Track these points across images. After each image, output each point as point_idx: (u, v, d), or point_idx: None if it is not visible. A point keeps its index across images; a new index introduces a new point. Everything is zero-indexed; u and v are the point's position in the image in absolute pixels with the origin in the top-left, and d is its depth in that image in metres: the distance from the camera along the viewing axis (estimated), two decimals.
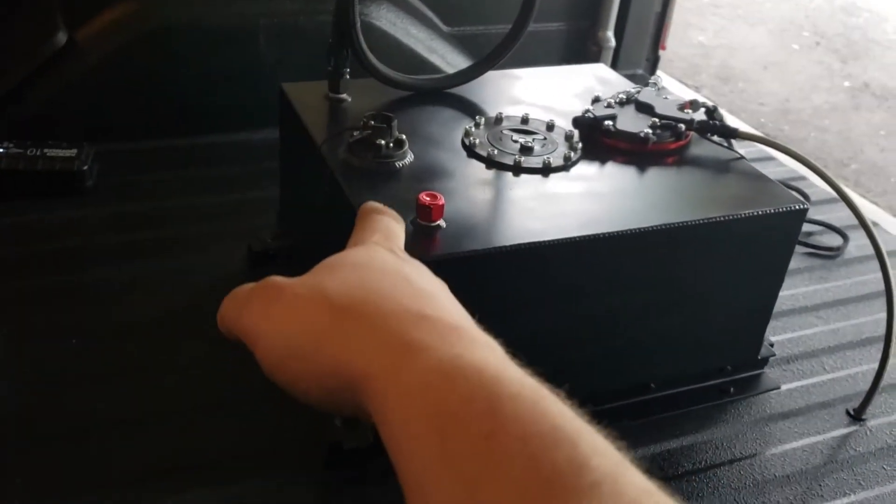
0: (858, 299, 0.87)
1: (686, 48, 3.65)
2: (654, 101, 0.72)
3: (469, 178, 0.63)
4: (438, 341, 0.32)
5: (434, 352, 0.31)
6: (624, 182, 0.66)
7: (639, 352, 0.66)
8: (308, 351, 0.36)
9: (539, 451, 0.26)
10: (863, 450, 0.68)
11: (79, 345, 0.67)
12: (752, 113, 3.12)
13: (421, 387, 0.30)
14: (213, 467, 0.59)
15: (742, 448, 0.67)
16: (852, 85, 3.48)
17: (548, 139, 0.68)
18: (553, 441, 0.27)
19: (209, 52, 0.98)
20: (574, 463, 0.26)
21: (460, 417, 0.28)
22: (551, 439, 0.27)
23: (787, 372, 0.76)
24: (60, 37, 0.93)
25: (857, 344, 0.80)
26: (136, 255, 0.79)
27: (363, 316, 0.35)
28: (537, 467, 0.26)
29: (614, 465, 0.27)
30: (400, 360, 0.31)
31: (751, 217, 0.62)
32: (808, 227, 0.97)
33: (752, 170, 0.69)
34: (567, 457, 0.26)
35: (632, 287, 0.62)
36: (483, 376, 0.29)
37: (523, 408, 0.28)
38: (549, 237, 0.56)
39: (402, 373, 0.31)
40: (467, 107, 0.75)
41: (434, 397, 0.29)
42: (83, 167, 0.85)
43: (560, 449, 0.27)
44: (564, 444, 0.27)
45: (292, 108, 0.70)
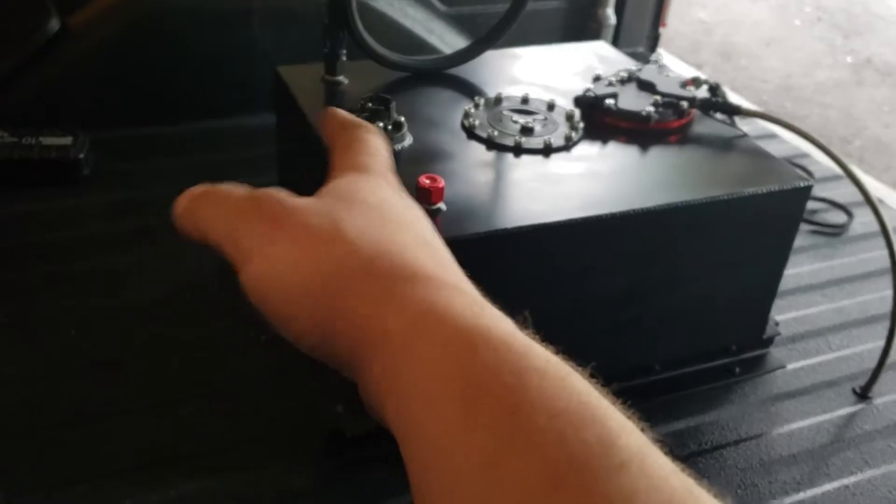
0: (864, 277, 0.86)
1: (687, 25, 3.62)
2: (655, 78, 0.71)
3: (469, 159, 0.62)
4: (464, 310, 0.30)
5: (461, 320, 0.29)
6: (626, 161, 0.65)
7: (643, 333, 0.66)
8: (318, 290, 0.33)
9: (568, 428, 0.26)
10: (869, 428, 0.68)
11: (77, 334, 0.67)
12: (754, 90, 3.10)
13: (445, 354, 0.28)
14: (211, 455, 0.58)
15: (748, 428, 0.66)
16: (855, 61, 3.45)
17: (548, 119, 0.67)
18: (581, 419, 0.26)
19: (203, 37, 0.97)
20: (603, 441, 0.25)
21: (486, 389, 0.27)
22: (580, 417, 0.26)
23: (793, 351, 0.75)
24: (53, 24, 0.92)
25: (863, 322, 0.80)
26: (134, 242, 0.78)
27: (386, 270, 0.32)
28: (566, 445, 0.25)
29: (642, 444, 0.26)
30: (423, 324, 0.30)
31: (755, 195, 0.62)
32: (813, 204, 0.96)
33: (756, 147, 0.68)
34: (596, 435, 0.26)
35: (635, 268, 0.61)
36: (511, 349, 0.28)
37: (551, 383, 0.27)
38: (552, 219, 0.56)
39: (425, 338, 0.29)
40: (466, 88, 0.74)
41: (459, 366, 0.28)
42: (79, 155, 0.85)
43: (589, 427, 0.26)
44: (593, 422, 0.26)
45: (288, 91, 0.69)
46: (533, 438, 0.25)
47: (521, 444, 0.25)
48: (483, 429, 0.26)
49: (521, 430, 0.26)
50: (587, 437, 0.25)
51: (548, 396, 0.27)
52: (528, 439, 0.25)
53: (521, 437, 0.25)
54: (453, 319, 0.29)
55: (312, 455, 0.59)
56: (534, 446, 0.25)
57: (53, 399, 0.61)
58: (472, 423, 0.26)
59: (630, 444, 0.26)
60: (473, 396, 0.27)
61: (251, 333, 0.67)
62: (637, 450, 0.26)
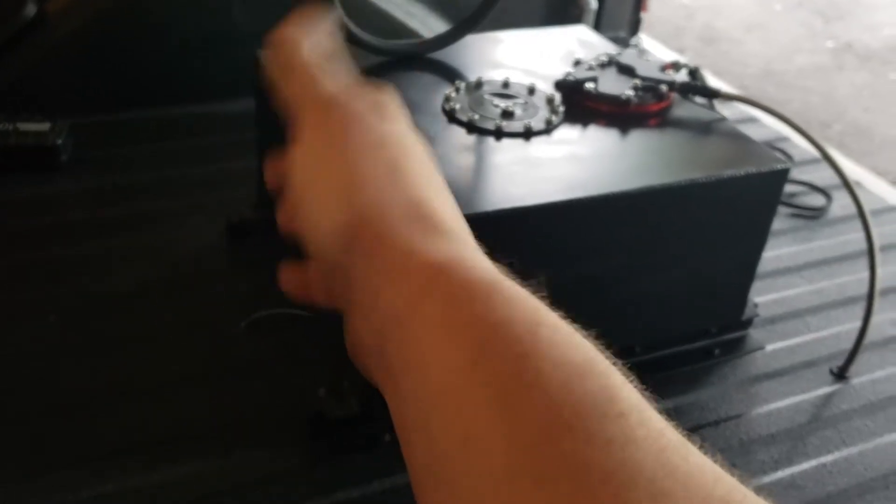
0: (842, 259, 0.87)
1: (669, 10, 3.63)
2: (635, 62, 0.71)
3: (450, 143, 0.62)
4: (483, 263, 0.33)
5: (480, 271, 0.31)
6: (606, 145, 0.65)
7: (623, 315, 0.66)
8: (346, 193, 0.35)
9: (574, 376, 0.27)
10: (847, 407, 0.69)
11: (57, 321, 0.66)
12: (735, 75, 3.11)
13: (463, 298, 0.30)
14: (195, 439, 0.58)
15: (728, 409, 0.67)
16: (835, 46, 3.47)
17: (529, 103, 0.67)
18: (586, 370, 0.28)
19: (183, 21, 0.96)
20: (605, 391, 0.27)
21: (500, 334, 0.28)
22: (586, 368, 0.28)
23: (772, 332, 0.76)
24: (30, 8, 0.91)
25: (841, 303, 0.81)
26: (113, 229, 0.78)
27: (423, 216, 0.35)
28: (570, 391, 0.27)
29: (642, 400, 0.28)
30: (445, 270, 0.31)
31: (733, 178, 0.62)
32: (792, 187, 0.97)
33: (735, 130, 0.69)
34: (599, 385, 0.27)
35: (616, 250, 0.62)
36: (527, 304, 0.30)
37: (560, 337, 0.29)
38: (532, 202, 0.56)
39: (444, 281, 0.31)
40: (447, 72, 0.74)
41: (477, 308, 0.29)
42: (57, 141, 0.84)
43: (592, 378, 0.27)
44: (597, 375, 0.28)
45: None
46: (540, 381, 0.27)
47: (529, 386, 0.27)
48: (493, 368, 0.27)
49: (530, 373, 0.27)
50: (590, 387, 0.27)
51: (557, 347, 0.28)
52: (536, 382, 0.27)
53: (529, 379, 0.27)
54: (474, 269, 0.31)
55: (295, 438, 0.59)
56: (540, 389, 0.27)
57: (35, 385, 0.61)
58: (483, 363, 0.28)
59: (631, 398, 0.28)
60: (487, 339, 0.28)
61: (232, 319, 0.67)
62: (637, 403, 0.28)
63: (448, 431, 0.27)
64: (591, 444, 0.25)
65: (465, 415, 0.27)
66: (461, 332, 0.29)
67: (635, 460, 0.25)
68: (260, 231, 0.75)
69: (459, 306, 0.29)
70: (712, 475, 0.26)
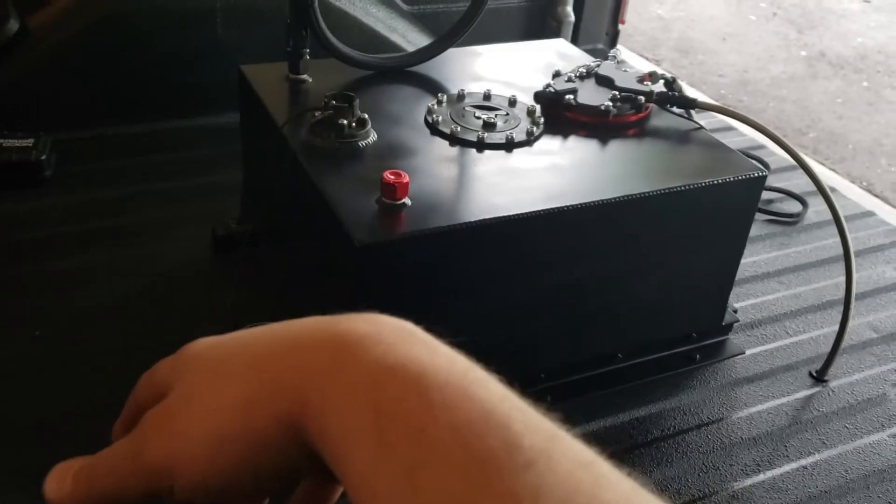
0: (819, 264, 0.89)
1: (646, 22, 3.67)
2: (613, 74, 0.73)
3: (433, 155, 0.63)
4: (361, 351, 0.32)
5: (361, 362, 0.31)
6: (586, 155, 0.66)
7: (606, 322, 0.67)
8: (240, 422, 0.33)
9: (471, 437, 0.27)
10: (826, 410, 0.70)
11: (41, 334, 0.66)
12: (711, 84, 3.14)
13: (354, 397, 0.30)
14: None
15: (709, 413, 0.68)
16: (809, 54, 3.52)
17: (510, 115, 0.69)
18: (484, 426, 0.28)
19: (166, 36, 0.96)
20: (508, 445, 0.27)
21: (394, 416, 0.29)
22: (483, 425, 0.28)
23: (752, 337, 0.77)
24: (12, 24, 0.91)
25: (819, 307, 0.82)
26: (98, 243, 0.78)
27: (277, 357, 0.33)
28: (471, 453, 0.27)
29: (547, 441, 0.28)
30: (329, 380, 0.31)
31: (711, 185, 0.63)
32: (769, 194, 0.99)
33: (712, 139, 0.70)
34: (500, 439, 0.27)
35: (597, 258, 0.63)
36: (409, 372, 0.30)
37: (452, 396, 0.29)
38: (514, 211, 0.57)
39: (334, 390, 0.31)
40: (429, 84, 0.75)
41: (368, 403, 0.30)
42: (41, 157, 0.84)
43: (491, 433, 0.27)
44: (496, 428, 0.28)
45: (252, 90, 0.70)
46: (442, 452, 0.27)
47: (433, 458, 0.27)
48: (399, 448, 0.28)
49: (431, 445, 0.28)
50: (491, 444, 0.27)
51: (451, 411, 0.28)
52: (439, 453, 0.27)
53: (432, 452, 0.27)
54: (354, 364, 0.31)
55: None
56: (444, 458, 0.27)
57: (14, 401, 0.61)
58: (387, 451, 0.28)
59: (535, 444, 0.27)
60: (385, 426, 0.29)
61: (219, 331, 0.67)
62: (542, 448, 0.27)
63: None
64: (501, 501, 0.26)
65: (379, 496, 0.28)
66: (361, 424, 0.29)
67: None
68: (245, 243, 0.76)
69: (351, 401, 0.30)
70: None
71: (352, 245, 0.52)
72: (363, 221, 0.54)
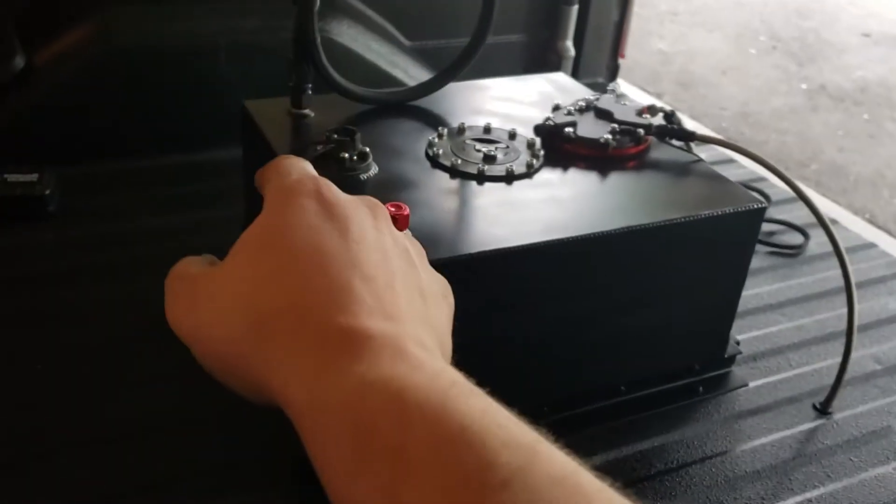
0: (821, 295, 0.89)
1: (646, 56, 3.71)
2: (612, 107, 0.73)
3: (434, 187, 0.64)
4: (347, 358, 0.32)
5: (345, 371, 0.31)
6: (586, 187, 0.67)
7: (607, 354, 0.67)
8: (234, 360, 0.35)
9: (449, 454, 0.27)
10: (830, 443, 0.69)
11: (42, 368, 0.66)
12: (713, 117, 3.17)
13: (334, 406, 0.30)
14: (184, 484, 0.58)
15: (713, 446, 0.68)
16: (809, 87, 3.55)
17: (510, 147, 0.69)
18: (462, 444, 0.28)
19: (170, 72, 0.97)
20: (483, 464, 0.27)
21: (373, 431, 0.29)
22: (460, 442, 0.28)
23: (755, 369, 0.77)
24: (18, 61, 0.92)
25: (822, 339, 0.82)
26: (102, 277, 0.78)
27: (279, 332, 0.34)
28: (449, 470, 0.27)
29: (525, 457, 0.28)
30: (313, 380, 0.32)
31: (711, 217, 0.64)
32: (770, 226, 0.99)
33: (711, 171, 0.71)
34: (476, 457, 0.27)
35: (598, 290, 0.63)
36: (390, 387, 0.30)
37: (431, 413, 0.29)
38: (514, 243, 0.57)
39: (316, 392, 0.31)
40: (430, 118, 0.75)
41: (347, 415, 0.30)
42: (45, 191, 0.85)
43: (469, 450, 0.27)
44: (473, 446, 0.28)
45: (255, 124, 0.70)
46: (421, 470, 0.27)
47: (412, 476, 0.27)
48: (377, 466, 0.28)
49: (409, 463, 0.28)
50: (468, 461, 0.27)
51: (429, 427, 0.28)
52: (417, 471, 0.27)
53: (409, 470, 0.28)
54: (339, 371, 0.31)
55: (286, 482, 0.59)
56: (421, 478, 0.27)
57: (15, 434, 0.61)
58: (365, 466, 0.28)
59: (512, 461, 0.27)
60: (364, 440, 0.29)
61: None
62: (519, 466, 0.27)
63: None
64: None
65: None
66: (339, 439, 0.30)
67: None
68: None
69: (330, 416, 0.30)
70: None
71: None
72: None
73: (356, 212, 0.39)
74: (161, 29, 0.97)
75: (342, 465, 0.29)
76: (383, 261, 0.37)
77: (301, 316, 0.34)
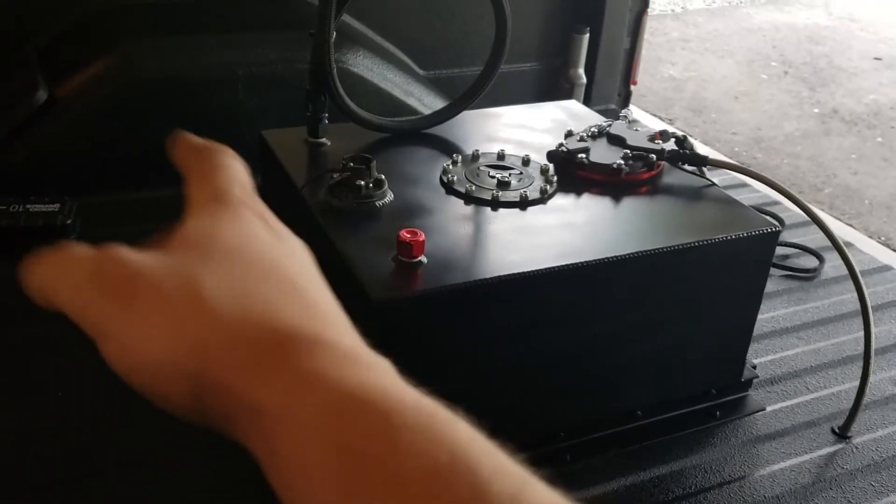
0: (837, 319, 0.88)
1: (658, 82, 3.72)
2: (625, 133, 0.74)
3: (448, 213, 0.64)
4: (333, 371, 0.29)
5: (329, 386, 0.29)
6: (599, 212, 0.67)
7: (624, 379, 0.67)
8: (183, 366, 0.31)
9: (439, 486, 0.26)
10: (850, 467, 0.69)
11: (64, 395, 0.67)
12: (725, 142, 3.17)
13: (316, 426, 0.28)
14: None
15: (731, 471, 0.67)
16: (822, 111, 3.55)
17: (524, 174, 0.70)
18: (452, 472, 0.27)
19: (189, 103, 0.99)
20: (475, 492, 0.26)
21: (361, 460, 0.27)
22: (450, 471, 0.27)
23: (772, 393, 0.77)
24: (41, 94, 0.94)
25: (839, 362, 0.82)
26: None
27: (252, 339, 0.31)
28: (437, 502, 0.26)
29: (515, 486, 0.27)
30: (292, 395, 0.29)
31: (724, 241, 0.64)
32: (785, 250, 0.99)
33: (724, 196, 0.71)
34: (468, 486, 0.26)
35: (612, 314, 0.63)
36: (379, 409, 0.28)
37: (421, 438, 0.28)
38: (529, 268, 0.57)
39: (294, 410, 0.29)
40: (444, 145, 0.76)
41: (332, 439, 0.28)
42: (66, 221, 0.86)
43: (460, 480, 0.27)
44: (464, 474, 0.27)
45: (273, 153, 0.72)
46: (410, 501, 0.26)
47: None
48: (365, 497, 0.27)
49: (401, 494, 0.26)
50: (460, 492, 0.26)
51: (419, 455, 0.27)
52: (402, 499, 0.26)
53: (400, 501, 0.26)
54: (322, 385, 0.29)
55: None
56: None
57: (44, 459, 0.61)
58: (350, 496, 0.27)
59: (503, 490, 0.26)
60: (348, 466, 0.27)
61: None
62: (510, 494, 0.26)
63: None
64: None
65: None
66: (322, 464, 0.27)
67: None
68: None
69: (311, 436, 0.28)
70: None
71: (369, 302, 0.53)
72: (380, 279, 0.55)
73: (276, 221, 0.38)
74: (180, 62, 0.99)
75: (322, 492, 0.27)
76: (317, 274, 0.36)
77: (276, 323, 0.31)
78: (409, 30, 1.15)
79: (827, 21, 4.64)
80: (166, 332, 0.31)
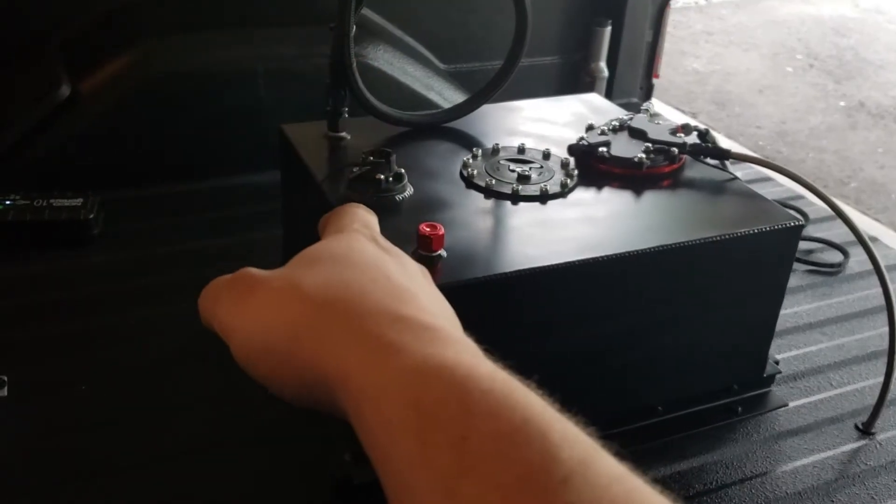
0: (861, 314, 0.87)
1: (681, 75, 3.69)
2: (646, 126, 0.73)
3: (468, 207, 0.64)
4: (413, 342, 0.32)
5: (409, 353, 0.31)
6: (620, 206, 0.67)
7: (644, 374, 0.67)
8: (284, 347, 0.35)
9: (511, 448, 0.27)
10: (873, 464, 0.68)
11: (87, 389, 0.68)
12: (749, 136, 3.14)
13: (396, 388, 0.30)
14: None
15: (753, 467, 0.67)
16: (847, 105, 3.51)
17: (544, 167, 0.69)
18: (524, 436, 0.28)
19: (210, 98, 1.00)
20: (546, 457, 0.27)
21: (436, 419, 0.29)
22: (522, 435, 0.28)
23: (795, 389, 0.76)
24: (64, 89, 0.95)
25: (863, 358, 0.81)
26: (145, 300, 0.80)
27: (339, 314, 0.35)
28: (510, 465, 0.27)
29: (585, 453, 0.28)
30: (374, 360, 0.32)
31: (747, 235, 0.63)
32: (809, 244, 0.98)
33: (747, 189, 0.70)
34: (538, 451, 0.27)
35: (633, 309, 0.63)
36: (455, 375, 0.30)
37: (495, 403, 0.29)
38: (549, 262, 0.57)
39: (377, 374, 0.31)
40: (464, 139, 0.76)
41: (410, 399, 0.30)
42: (89, 216, 0.87)
43: (531, 444, 0.27)
44: (535, 439, 0.28)
45: (293, 147, 0.72)
46: (482, 463, 0.27)
47: (473, 469, 0.27)
48: (439, 458, 0.28)
49: (472, 455, 0.28)
50: (530, 456, 0.27)
51: (492, 418, 0.28)
52: (478, 465, 0.27)
53: (472, 463, 0.28)
54: (402, 353, 0.32)
55: (324, 501, 0.60)
56: (483, 471, 0.27)
57: (66, 455, 0.62)
58: (427, 455, 0.28)
59: (573, 456, 0.27)
60: (426, 428, 0.29)
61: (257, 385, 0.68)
62: (580, 461, 0.27)
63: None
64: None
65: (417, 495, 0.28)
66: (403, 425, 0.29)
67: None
68: None
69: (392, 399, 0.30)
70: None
71: None
72: None
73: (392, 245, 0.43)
74: (200, 57, 1.00)
75: (404, 455, 0.29)
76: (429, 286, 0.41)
77: (363, 302, 0.35)
78: (429, 23, 1.15)
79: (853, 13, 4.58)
80: (270, 319, 0.36)
